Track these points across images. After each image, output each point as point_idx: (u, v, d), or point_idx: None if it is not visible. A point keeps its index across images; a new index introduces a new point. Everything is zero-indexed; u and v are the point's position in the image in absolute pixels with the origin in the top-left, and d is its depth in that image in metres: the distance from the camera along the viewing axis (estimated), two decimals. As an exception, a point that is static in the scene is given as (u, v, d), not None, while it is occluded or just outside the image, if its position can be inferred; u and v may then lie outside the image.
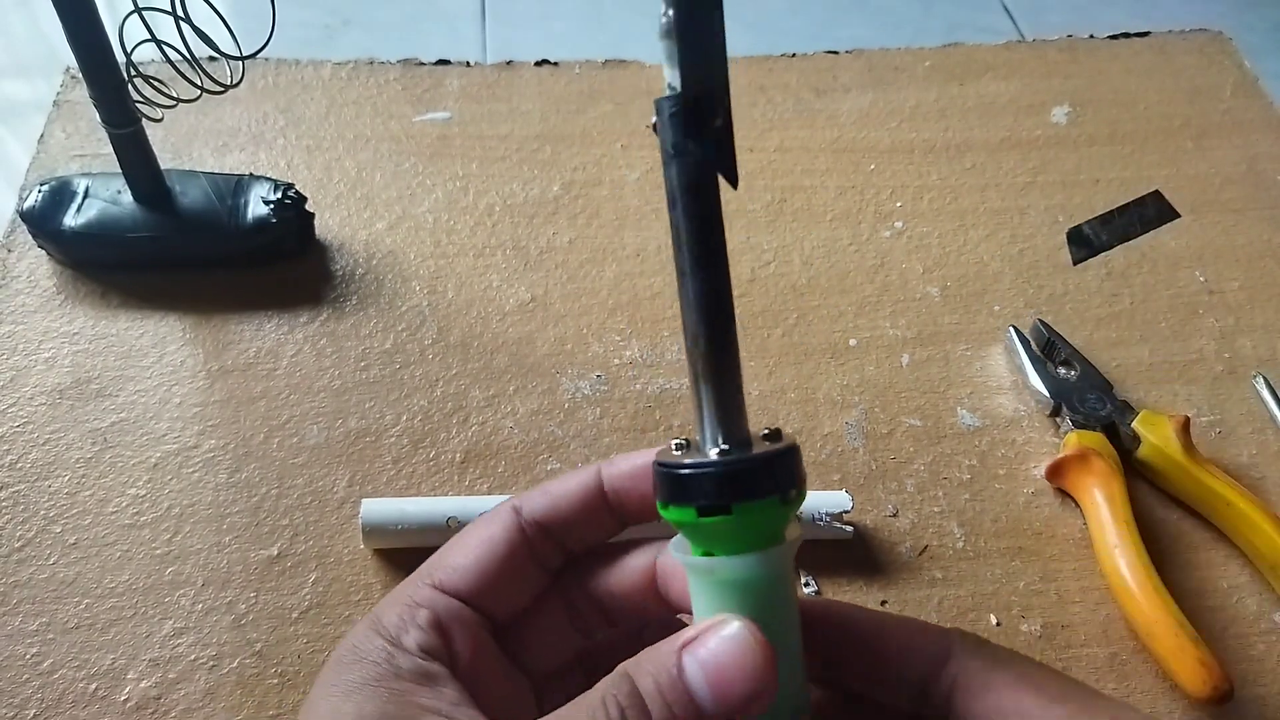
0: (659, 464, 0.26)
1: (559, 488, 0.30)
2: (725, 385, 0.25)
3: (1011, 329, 0.55)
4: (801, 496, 0.25)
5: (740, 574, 0.25)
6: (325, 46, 1.14)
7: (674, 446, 0.26)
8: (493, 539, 0.28)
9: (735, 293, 0.58)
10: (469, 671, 0.27)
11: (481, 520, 0.29)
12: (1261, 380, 0.54)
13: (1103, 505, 0.47)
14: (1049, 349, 0.55)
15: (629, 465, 0.29)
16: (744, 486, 0.24)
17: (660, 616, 0.30)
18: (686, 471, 0.25)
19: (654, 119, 0.25)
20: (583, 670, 0.31)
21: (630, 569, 0.30)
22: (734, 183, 0.25)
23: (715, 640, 0.24)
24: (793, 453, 0.25)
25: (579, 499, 0.29)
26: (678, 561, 0.26)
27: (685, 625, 0.26)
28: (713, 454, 0.25)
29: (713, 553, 0.25)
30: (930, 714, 0.26)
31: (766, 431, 0.26)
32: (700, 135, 0.24)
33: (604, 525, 0.30)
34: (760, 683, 0.23)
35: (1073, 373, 0.53)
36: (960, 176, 0.65)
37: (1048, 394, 0.52)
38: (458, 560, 0.28)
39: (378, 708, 0.25)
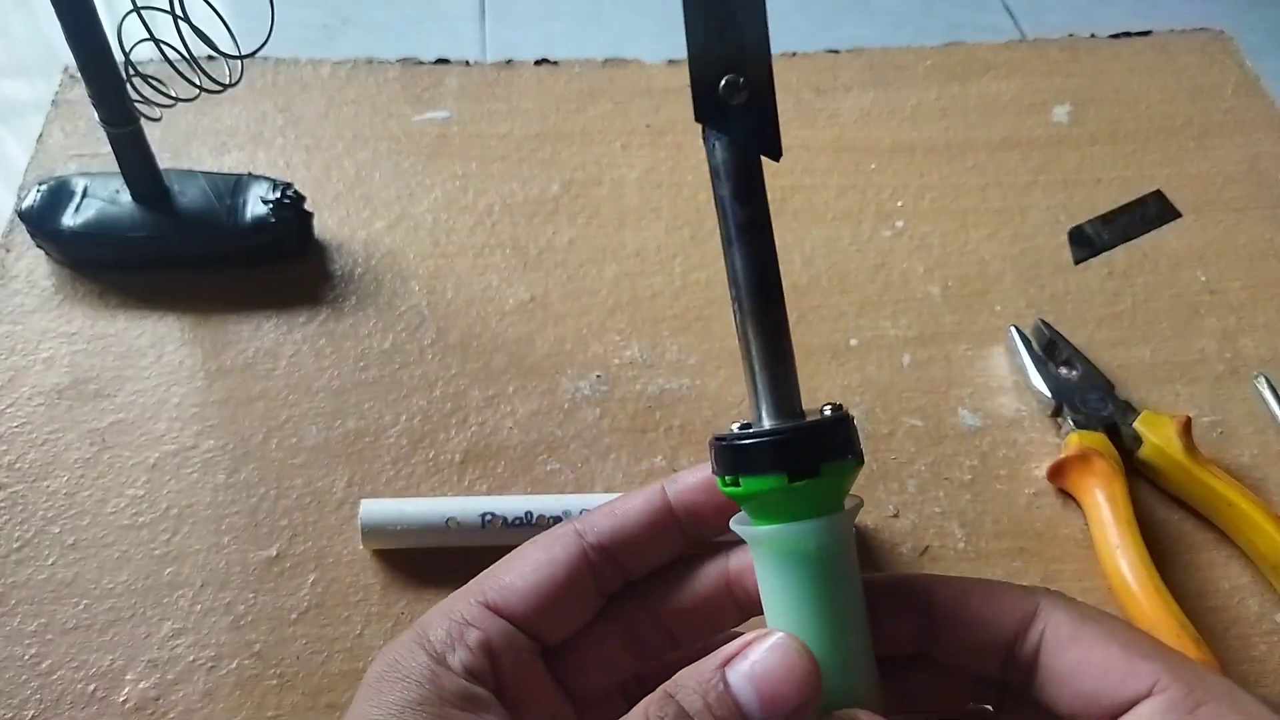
0: (731, 440, 0.25)
1: (623, 508, 0.29)
2: (775, 355, 0.25)
3: (1013, 328, 0.55)
4: (862, 461, 0.26)
5: (820, 538, 0.24)
6: (324, 46, 1.13)
7: (734, 429, 0.26)
8: (553, 562, 0.28)
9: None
10: (514, 697, 0.27)
11: (541, 541, 0.28)
12: (1263, 380, 0.54)
13: (1104, 506, 0.47)
14: (1050, 349, 0.54)
15: (696, 479, 0.29)
16: (827, 448, 0.24)
17: (729, 627, 0.30)
18: (773, 439, 0.24)
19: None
20: (624, 695, 0.30)
21: (703, 579, 0.29)
22: (775, 156, 0.24)
23: (760, 652, 0.24)
24: (851, 419, 0.26)
25: (646, 519, 0.29)
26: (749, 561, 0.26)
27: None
28: (773, 424, 0.25)
29: (784, 522, 0.25)
30: (1016, 677, 0.26)
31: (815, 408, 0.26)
32: (717, 118, 0.24)
33: (669, 546, 0.30)
34: (810, 689, 0.23)
35: (1074, 373, 0.53)
36: (961, 176, 0.64)
37: (1049, 394, 0.52)
38: (514, 581, 0.28)
39: None
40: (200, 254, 0.56)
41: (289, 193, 0.56)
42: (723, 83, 0.23)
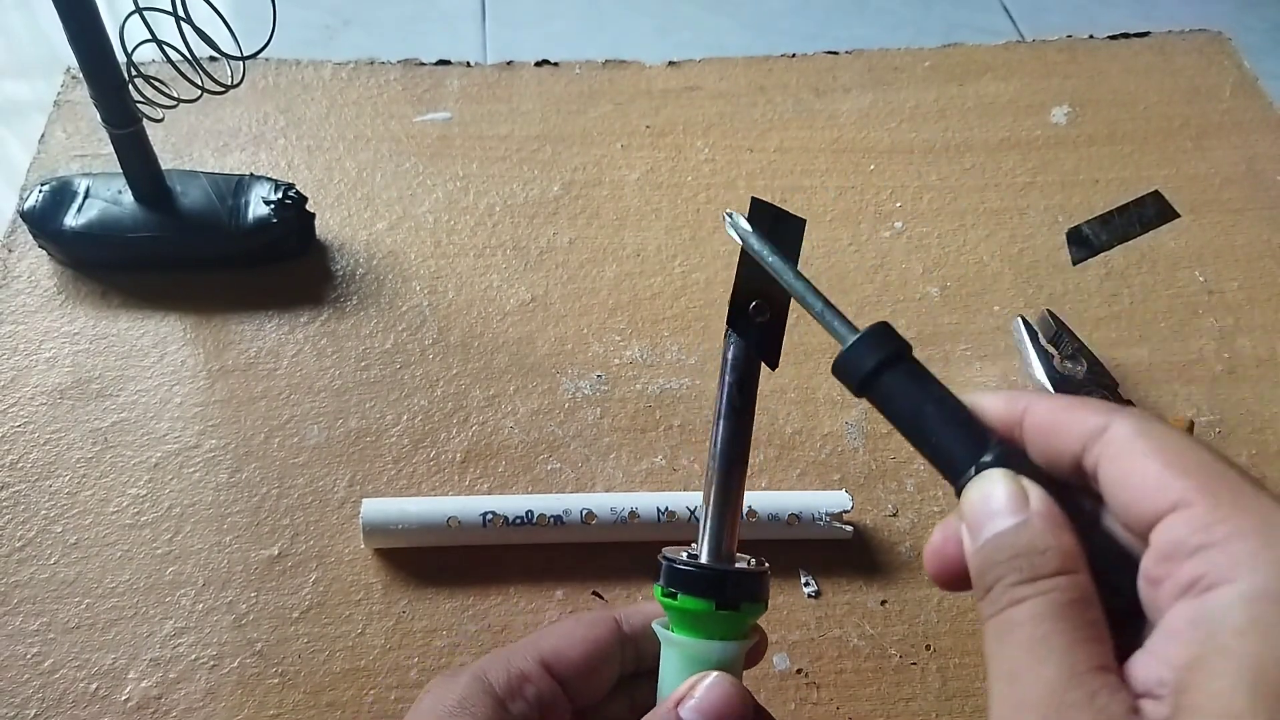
0: (682, 563, 0.31)
1: (653, 610, 0.34)
2: (729, 510, 0.31)
3: (1019, 319, 0.55)
4: (767, 607, 0.32)
5: (725, 655, 0.31)
6: (325, 47, 1.14)
7: (684, 555, 0.32)
8: (599, 641, 0.33)
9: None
10: None
11: (587, 621, 0.34)
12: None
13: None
14: (1057, 341, 0.54)
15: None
16: (749, 592, 0.31)
17: None
18: (711, 574, 0.31)
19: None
20: None
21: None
22: (772, 366, 0.31)
23: (701, 689, 0.30)
24: (768, 574, 0.32)
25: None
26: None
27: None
28: (711, 561, 0.31)
29: (696, 635, 0.31)
30: (1088, 486, 0.26)
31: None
32: (743, 327, 0.31)
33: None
34: (744, 708, 0.30)
35: (1079, 368, 0.53)
36: (960, 177, 0.65)
37: (1051, 390, 0.52)
38: (568, 652, 0.33)
39: None
40: (202, 254, 0.56)
41: (291, 193, 0.57)
42: (753, 305, 0.31)
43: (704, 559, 0.31)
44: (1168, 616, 0.22)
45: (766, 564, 0.32)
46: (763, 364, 0.31)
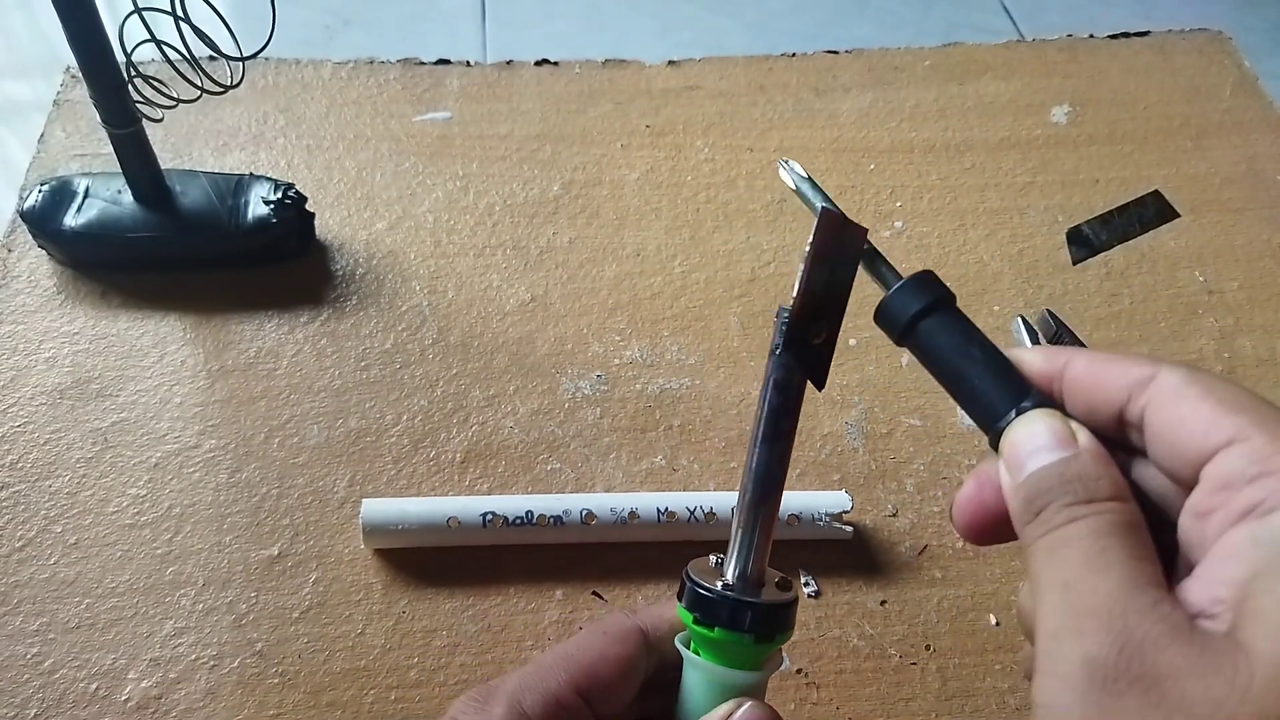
0: (717, 593, 0.30)
1: (671, 612, 0.33)
2: (763, 536, 0.31)
3: (1019, 319, 0.55)
4: (792, 633, 0.31)
5: (759, 683, 0.31)
6: (325, 46, 1.14)
7: (712, 562, 0.31)
8: (631, 659, 0.32)
9: (735, 293, 0.58)
10: None
11: (616, 637, 0.33)
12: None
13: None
14: (1057, 341, 0.54)
15: None
16: (782, 624, 0.30)
17: None
18: (752, 606, 0.30)
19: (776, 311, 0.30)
20: None
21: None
22: (820, 387, 0.30)
23: (740, 714, 0.29)
24: (797, 601, 0.31)
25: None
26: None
27: None
28: (744, 587, 0.30)
29: (728, 664, 0.30)
30: (1131, 437, 0.26)
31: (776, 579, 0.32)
32: (796, 349, 0.29)
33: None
34: None
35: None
36: (960, 176, 0.65)
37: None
38: (603, 674, 0.32)
39: None
40: (202, 254, 0.56)
41: (290, 193, 0.57)
42: (813, 326, 0.29)
43: (734, 584, 0.30)
44: (1222, 541, 0.22)
45: (793, 585, 0.32)
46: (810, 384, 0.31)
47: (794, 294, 0.29)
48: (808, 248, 0.28)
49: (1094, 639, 0.22)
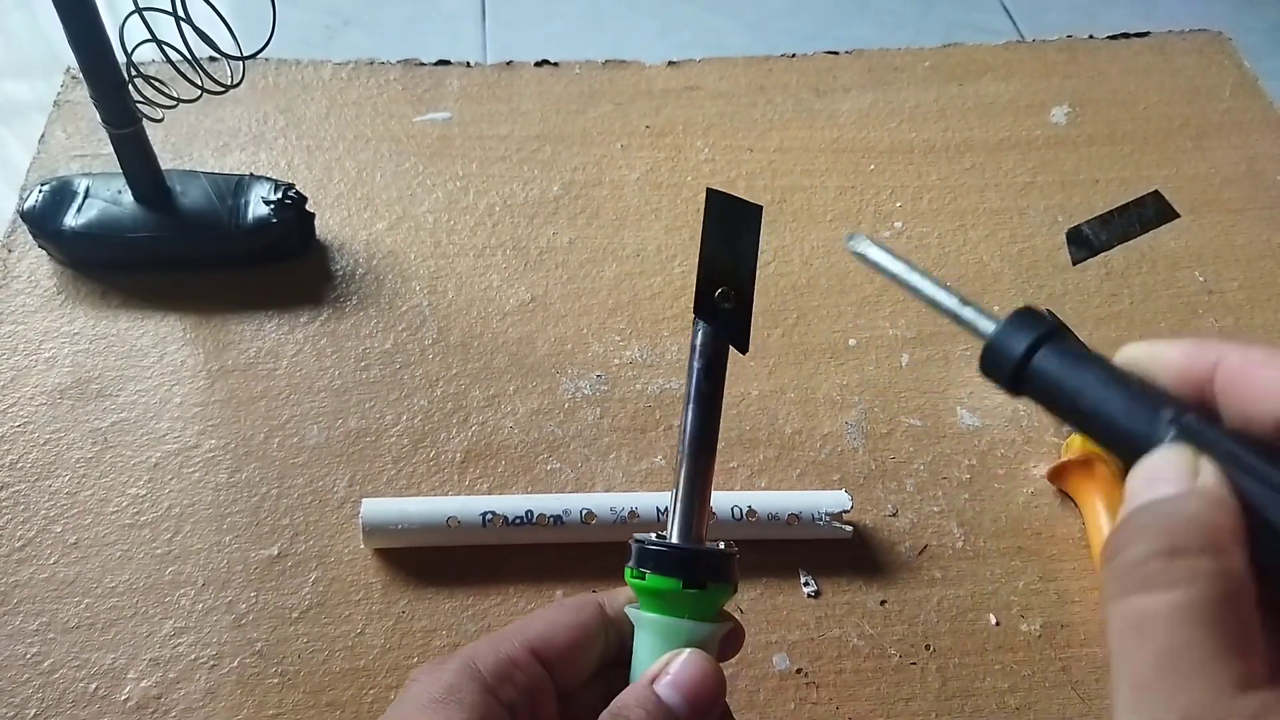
0: (650, 543, 0.32)
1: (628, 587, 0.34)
2: (698, 494, 0.32)
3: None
4: (736, 590, 0.32)
5: (697, 634, 0.31)
6: (325, 46, 1.14)
7: (653, 537, 0.32)
8: (584, 625, 0.33)
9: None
10: None
11: (572, 606, 0.34)
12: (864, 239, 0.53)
13: (1104, 514, 0.47)
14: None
15: None
16: (717, 571, 0.31)
17: None
18: (680, 553, 0.31)
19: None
20: None
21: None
22: (742, 350, 0.32)
23: (676, 665, 0.30)
24: (736, 556, 0.33)
25: None
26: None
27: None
28: (680, 543, 0.32)
29: (664, 613, 0.31)
30: None
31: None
32: (709, 314, 0.31)
33: None
34: (718, 684, 0.30)
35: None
36: (960, 177, 0.65)
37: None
38: (555, 638, 0.33)
39: None
40: (202, 254, 0.56)
41: (290, 193, 0.57)
42: (718, 292, 0.32)
43: (673, 541, 0.32)
44: None
45: (736, 548, 0.33)
46: (731, 348, 0.32)
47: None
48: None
49: None
